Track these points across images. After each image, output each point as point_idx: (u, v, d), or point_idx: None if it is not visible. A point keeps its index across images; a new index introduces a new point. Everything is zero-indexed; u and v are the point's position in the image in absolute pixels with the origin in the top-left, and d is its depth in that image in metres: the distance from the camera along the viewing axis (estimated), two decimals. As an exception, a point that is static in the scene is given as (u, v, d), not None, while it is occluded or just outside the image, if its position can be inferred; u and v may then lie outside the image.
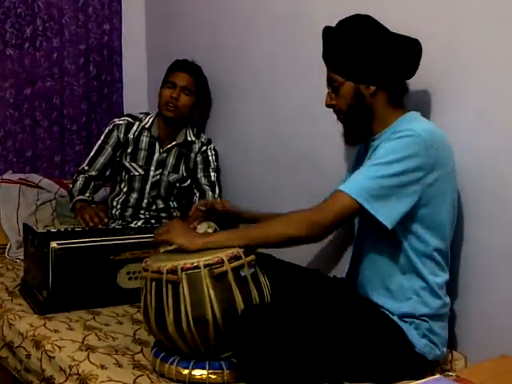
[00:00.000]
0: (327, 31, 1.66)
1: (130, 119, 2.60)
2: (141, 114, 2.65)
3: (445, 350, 1.60)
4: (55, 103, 2.95)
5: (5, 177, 2.75)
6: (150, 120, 2.59)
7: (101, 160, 2.57)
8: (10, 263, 2.45)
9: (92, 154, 2.59)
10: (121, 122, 2.58)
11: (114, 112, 3.06)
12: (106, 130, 2.60)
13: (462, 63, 1.67)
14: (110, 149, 2.57)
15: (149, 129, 2.58)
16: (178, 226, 1.60)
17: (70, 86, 2.99)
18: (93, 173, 2.57)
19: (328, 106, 1.69)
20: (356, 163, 1.84)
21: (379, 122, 1.64)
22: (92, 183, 2.56)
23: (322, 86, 1.83)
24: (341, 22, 1.63)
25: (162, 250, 1.83)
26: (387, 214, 1.47)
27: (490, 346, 1.60)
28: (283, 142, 2.35)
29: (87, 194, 2.53)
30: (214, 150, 2.64)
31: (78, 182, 2.55)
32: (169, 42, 2.99)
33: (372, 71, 1.59)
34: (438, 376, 1.27)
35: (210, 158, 2.62)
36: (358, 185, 1.48)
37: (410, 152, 1.47)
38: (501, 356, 1.42)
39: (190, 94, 2.54)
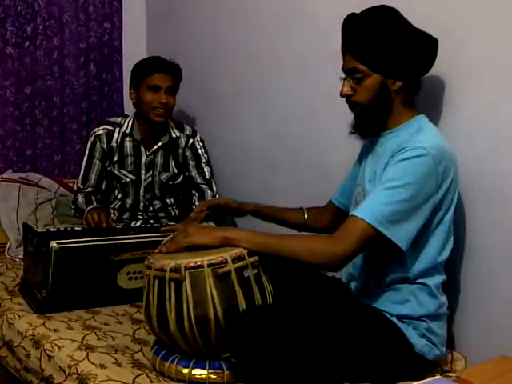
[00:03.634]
0: (353, 19, 1.58)
1: (109, 127, 2.53)
2: (118, 117, 2.59)
3: (444, 349, 1.60)
4: (55, 102, 2.95)
5: (5, 176, 2.75)
6: (130, 124, 2.52)
7: (92, 175, 2.54)
8: (10, 262, 2.45)
9: (82, 171, 2.55)
10: (101, 132, 2.52)
11: (115, 111, 3.06)
12: (89, 144, 2.54)
13: (462, 64, 1.67)
14: (97, 162, 2.53)
15: (130, 134, 2.51)
16: (194, 228, 1.59)
17: (70, 85, 2.98)
18: (89, 189, 2.54)
19: (344, 96, 1.62)
20: (361, 156, 1.82)
21: (393, 119, 1.61)
22: (93, 197, 2.53)
23: (323, 85, 1.83)
24: (368, 11, 1.57)
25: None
26: (402, 236, 1.45)
27: (490, 346, 1.61)
28: (284, 143, 2.34)
29: (95, 204, 2.49)
30: (201, 140, 2.59)
31: (80, 199, 2.52)
32: (169, 40, 2.98)
33: (402, 66, 1.55)
34: (438, 377, 1.27)
35: (200, 151, 2.58)
36: (373, 210, 1.45)
37: (422, 173, 1.46)
38: (501, 357, 1.41)
39: (173, 94, 2.48)
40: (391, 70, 1.56)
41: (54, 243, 1.88)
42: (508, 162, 1.58)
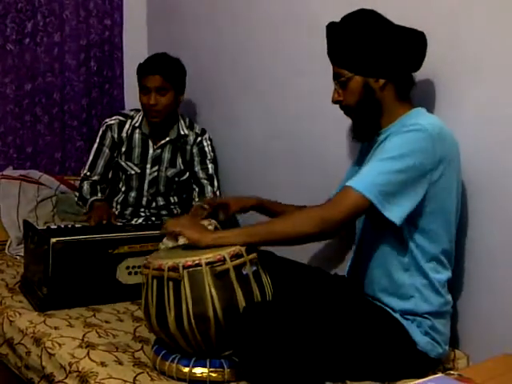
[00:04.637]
0: (331, 27, 1.64)
1: (121, 118, 2.56)
2: (131, 110, 2.62)
3: (447, 347, 1.60)
4: (56, 99, 2.94)
5: (5, 173, 2.74)
6: (140, 118, 2.55)
7: (101, 163, 2.56)
8: (10, 260, 2.44)
9: (91, 158, 2.57)
10: (113, 122, 2.55)
11: (115, 108, 3.05)
12: (100, 132, 2.56)
13: (463, 60, 1.66)
14: (107, 150, 2.55)
15: (139, 127, 2.54)
16: (189, 220, 1.62)
17: (71, 82, 2.97)
18: (95, 177, 2.56)
19: (335, 102, 1.66)
20: (359, 158, 1.83)
21: (387, 116, 1.62)
22: (98, 187, 2.55)
23: (322, 83, 1.82)
24: (345, 17, 1.62)
25: (162, 247, 1.82)
26: (395, 210, 1.45)
27: (493, 344, 1.60)
28: (284, 141, 2.34)
29: (99, 195, 2.52)
30: (210, 139, 2.60)
31: (85, 187, 2.54)
32: (170, 37, 2.98)
33: (380, 64, 1.57)
34: (440, 375, 1.27)
35: (206, 148, 2.58)
36: (367, 180, 1.46)
37: (418, 147, 1.46)
38: (503, 355, 1.41)
39: (166, 93, 2.44)
40: (370, 68, 1.58)
41: (54, 240, 1.87)
42: (509, 159, 1.57)
